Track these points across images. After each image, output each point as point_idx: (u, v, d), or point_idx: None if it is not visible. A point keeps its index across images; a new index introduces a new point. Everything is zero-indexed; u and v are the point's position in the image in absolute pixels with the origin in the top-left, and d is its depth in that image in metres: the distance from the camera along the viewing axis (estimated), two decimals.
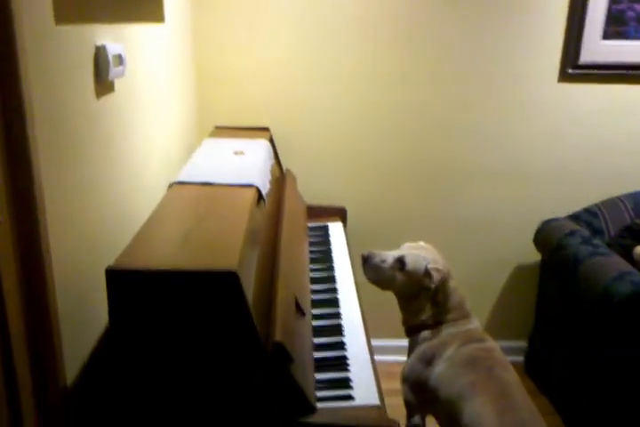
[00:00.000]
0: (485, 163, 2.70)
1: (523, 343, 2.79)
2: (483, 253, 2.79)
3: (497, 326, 2.85)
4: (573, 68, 2.59)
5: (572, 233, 2.41)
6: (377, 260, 1.73)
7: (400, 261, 1.70)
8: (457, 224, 2.75)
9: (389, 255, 1.73)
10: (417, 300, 1.72)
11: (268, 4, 2.46)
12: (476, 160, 2.69)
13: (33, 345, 1.05)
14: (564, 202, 2.70)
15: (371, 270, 1.74)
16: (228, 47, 2.50)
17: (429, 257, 1.73)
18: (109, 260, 1.16)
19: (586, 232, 2.44)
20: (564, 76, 2.60)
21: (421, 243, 1.82)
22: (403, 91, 2.59)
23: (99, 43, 1.36)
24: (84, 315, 1.28)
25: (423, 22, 2.51)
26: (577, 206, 2.65)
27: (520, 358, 2.76)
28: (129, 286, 1.12)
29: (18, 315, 1.00)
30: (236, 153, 1.94)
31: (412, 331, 1.75)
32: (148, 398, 1.19)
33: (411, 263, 1.70)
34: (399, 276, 1.70)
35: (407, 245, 1.80)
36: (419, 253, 1.74)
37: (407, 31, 2.52)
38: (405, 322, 1.78)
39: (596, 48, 2.57)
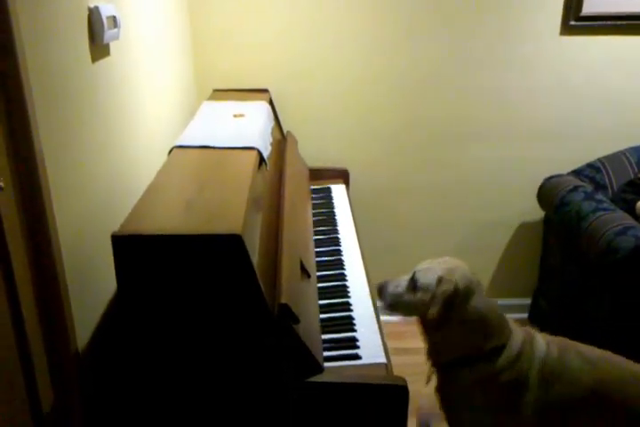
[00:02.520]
0: (487, 121, 2.66)
1: (527, 301, 2.82)
2: (486, 212, 2.79)
3: (501, 284, 2.87)
4: (576, 19, 2.53)
5: (574, 189, 2.41)
6: (391, 287, 1.56)
7: (412, 280, 1.53)
8: (460, 184, 2.74)
9: (403, 278, 1.56)
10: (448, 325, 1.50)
11: None
12: (477, 118, 2.66)
13: (43, 312, 1.06)
14: (567, 158, 2.67)
15: (387, 299, 1.56)
16: (225, 7, 2.44)
17: (444, 267, 1.52)
18: (114, 225, 1.16)
19: (589, 188, 2.43)
20: (567, 29, 2.55)
21: (446, 258, 1.58)
22: (403, 50, 2.54)
23: (91, 4, 1.33)
24: (92, 280, 1.29)
25: None
26: (580, 163, 2.63)
27: (524, 315, 2.79)
28: (135, 251, 1.13)
29: (26, 282, 1.01)
30: (235, 116, 1.92)
31: (447, 365, 1.55)
32: (157, 361, 1.21)
33: (422, 278, 1.51)
34: (416, 297, 1.51)
35: (427, 261, 1.58)
36: (432, 266, 1.54)
37: None
38: (434, 355, 1.57)
39: None
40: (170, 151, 1.60)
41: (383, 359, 1.34)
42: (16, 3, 0.95)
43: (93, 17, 1.32)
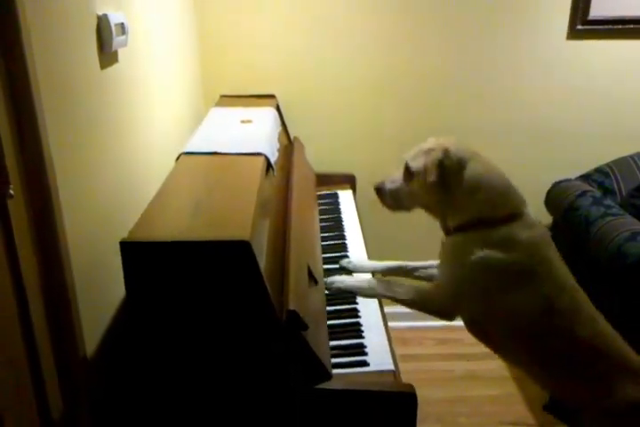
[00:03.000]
0: (494, 125, 2.66)
1: None
2: None
3: None
4: (583, 24, 2.53)
5: (583, 194, 2.40)
6: (389, 184, 1.54)
7: (406, 169, 1.48)
8: None
9: (396, 173, 1.52)
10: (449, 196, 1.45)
11: None
12: (485, 122, 2.65)
13: (52, 317, 1.06)
14: (575, 162, 2.66)
15: (388, 198, 1.54)
16: (232, 14, 2.45)
17: (431, 143, 1.48)
18: (123, 231, 1.16)
19: (597, 193, 2.42)
20: (574, 33, 2.54)
21: (430, 139, 1.55)
22: (412, 53, 2.54)
23: (100, 12, 1.33)
24: (100, 286, 1.30)
25: None
26: (588, 167, 2.62)
27: None
28: (144, 257, 1.13)
29: (35, 288, 1.01)
30: (242, 122, 1.92)
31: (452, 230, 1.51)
32: (165, 366, 1.21)
33: (414, 164, 1.46)
34: (414, 186, 1.47)
35: (412, 149, 1.54)
36: (419, 148, 1.50)
37: None
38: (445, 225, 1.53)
39: (606, 2, 2.50)
40: (177, 158, 1.61)
41: (391, 366, 1.34)
42: (26, 11, 0.96)
43: (102, 25, 1.33)
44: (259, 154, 1.62)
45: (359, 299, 1.62)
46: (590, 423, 1.46)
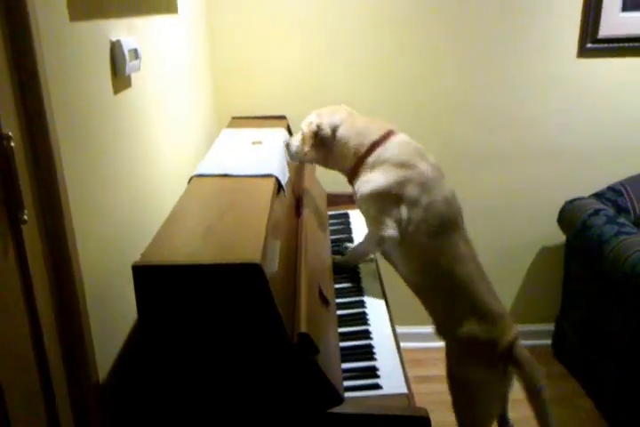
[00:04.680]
0: (505, 144, 2.66)
1: (550, 326, 2.77)
2: (506, 236, 2.77)
3: (523, 310, 2.83)
4: (593, 42, 2.54)
5: (596, 212, 2.38)
6: (293, 141, 1.82)
7: (302, 130, 1.78)
8: (478, 207, 2.73)
9: (299, 133, 1.80)
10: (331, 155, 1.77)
11: None
12: (496, 140, 2.66)
13: (65, 343, 1.07)
14: (587, 181, 2.65)
15: (292, 154, 1.82)
16: (243, 37, 2.49)
17: (318, 113, 1.78)
18: (135, 255, 1.17)
19: (611, 211, 2.40)
20: (584, 52, 2.55)
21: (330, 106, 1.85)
22: (423, 74, 2.56)
23: (114, 38, 1.36)
24: (113, 311, 1.30)
25: (438, 2, 2.47)
26: (601, 185, 2.61)
27: (548, 342, 2.74)
28: (155, 281, 1.13)
29: (48, 314, 1.02)
30: (253, 143, 1.94)
31: (350, 178, 1.79)
32: (178, 390, 1.20)
33: (304, 128, 1.77)
34: (305, 145, 1.76)
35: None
36: (311, 115, 1.79)
37: (424, 15, 2.48)
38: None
39: (616, 21, 2.51)
40: (189, 180, 1.62)
41: (404, 389, 1.32)
42: (41, 38, 0.98)
43: (115, 50, 1.35)
44: (270, 175, 1.63)
45: (371, 320, 1.61)
46: (447, 347, 1.73)
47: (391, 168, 1.68)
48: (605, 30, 2.52)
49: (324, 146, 1.76)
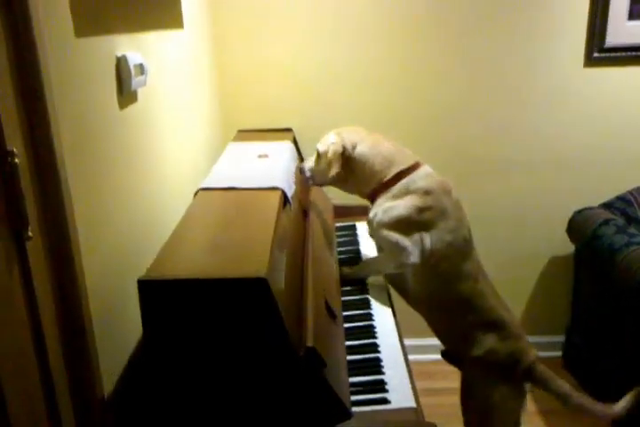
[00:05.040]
0: (513, 153, 2.66)
1: (560, 338, 2.75)
2: (515, 247, 2.75)
3: (533, 321, 2.80)
4: (599, 51, 2.53)
5: (606, 222, 2.36)
6: (307, 163, 1.83)
7: (317, 151, 1.77)
8: (487, 217, 2.72)
9: (314, 155, 1.80)
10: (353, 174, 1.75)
11: (287, 7, 2.45)
12: (503, 151, 2.65)
13: (70, 360, 1.06)
14: (596, 190, 2.64)
15: (309, 178, 1.83)
16: (249, 50, 2.50)
17: (335, 132, 1.77)
18: (141, 269, 1.17)
19: (620, 221, 2.38)
20: (590, 61, 2.55)
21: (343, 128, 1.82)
22: (430, 84, 2.57)
23: (119, 53, 1.36)
24: (118, 326, 1.29)
25: (443, 9, 2.47)
26: (610, 194, 2.59)
27: (558, 354, 2.71)
28: (161, 295, 1.13)
29: (53, 331, 1.02)
30: (260, 156, 1.94)
31: (369, 199, 1.79)
32: (183, 405, 1.20)
33: (320, 148, 1.76)
34: (322, 164, 1.76)
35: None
36: (328, 135, 1.78)
37: (429, 26, 2.49)
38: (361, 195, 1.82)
39: (622, 29, 2.51)
40: (195, 194, 1.62)
41: (413, 403, 1.31)
42: (47, 53, 0.98)
43: (121, 66, 1.36)
44: (276, 188, 1.63)
45: (379, 333, 1.60)
46: (465, 369, 1.73)
47: (416, 198, 1.68)
48: (612, 39, 2.52)
49: (346, 167, 1.73)
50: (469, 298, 1.68)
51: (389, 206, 1.69)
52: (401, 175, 1.70)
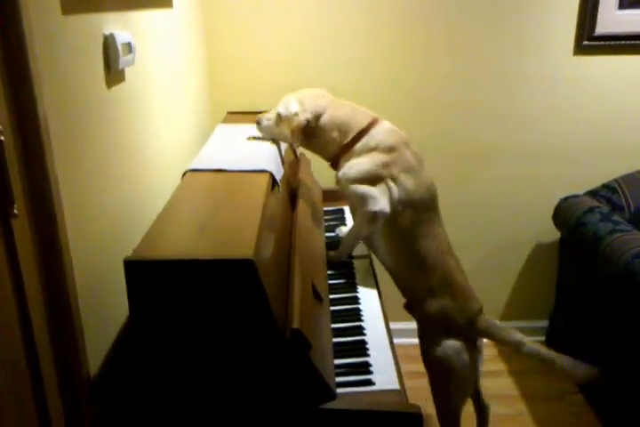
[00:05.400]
0: (500, 141, 2.66)
1: (544, 323, 2.78)
2: (501, 234, 2.77)
3: (517, 307, 2.84)
4: (589, 39, 2.54)
5: (590, 210, 2.38)
6: (264, 121, 1.84)
7: (277, 114, 1.79)
8: (473, 204, 2.73)
9: (273, 112, 1.82)
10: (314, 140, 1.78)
11: None
12: (490, 138, 2.66)
13: (55, 339, 1.06)
14: (582, 179, 2.66)
15: (263, 132, 1.86)
16: (239, 31, 2.48)
17: (299, 98, 1.78)
18: (127, 250, 1.16)
19: (605, 208, 2.40)
20: (580, 49, 2.55)
21: (305, 89, 1.85)
22: (418, 70, 2.56)
23: (107, 31, 1.35)
24: (104, 306, 1.29)
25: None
26: (596, 182, 2.61)
27: (541, 338, 2.75)
28: (147, 276, 1.13)
29: (39, 309, 1.01)
30: (249, 138, 1.93)
31: (334, 163, 1.81)
32: (169, 386, 1.20)
33: (282, 111, 1.77)
34: (281, 128, 1.79)
35: (289, 94, 1.84)
36: (289, 98, 1.80)
37: (420, 13, 2.48)
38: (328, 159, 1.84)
39: (613, 18, 2.51)
40: (183, 175, 1.61)
41: (397, 385, 1.32)
42: (32, 31, 0.97)
43: (108, 44, 1.34)
44: (264, 171, 1.62)
45: (365, 316, 1.61)
46: (419, 324, 1.82)
47: (378, 153, 1.72)
48: (602, 28, 2.52)
49: (307, 134, 1.76)
50: (432, 256, 1.74)
51: (352, 163, 1.73)
52: (360, 135, 1.74)
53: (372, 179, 1.72)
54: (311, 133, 1.76)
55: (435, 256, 1.75)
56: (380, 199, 1.70)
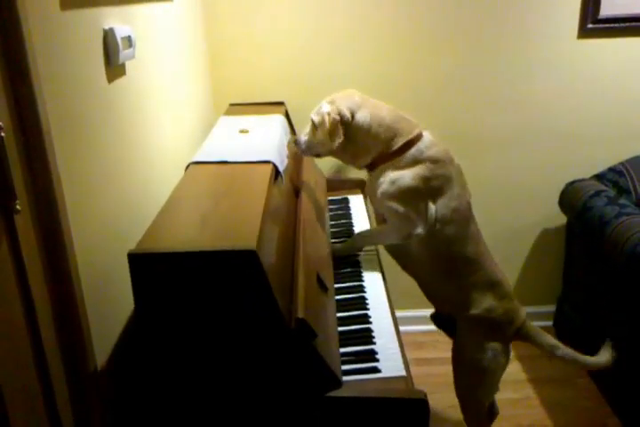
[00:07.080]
0: (506, 125, 2.65)
1: (551, 308, 2.78)
2: (508, 218, 2.77)
3: (525, 291, 2.83)
4: (593, 22, 2.51)
5: (597, 193, 2.37)
6: (301, 136, 1.77)
7: (312, 122, 1.71)
8: (480, 189, 2.70)
9: (307, 126, 1.75)
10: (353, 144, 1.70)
11: None
12: (496, 123, 2.64)
13: (61, 333, 1.07)
14: (589, 162, 2.64)
15: (305, 150, 1.77)
16: (240, 23, 2.47)
17: (328, 100, 1.71)
18: (132, 242, 1.18)
19: (612, 192, 2.39)
20: (584, 32, 2.53)
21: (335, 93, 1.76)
22: (422, 57, 2.54)
23: (106, 26, 1.35)
24: (109, 299, 1.31)
25: None
26: (603, 166, 2.59)
27: (549, 323, 2.75)
28: (151, 268, 1.14)
29: (44, 304, 1.02)
30: (251, 130, 1.93)
31: (370, 166, 1.75)
32: (176, 378, 1.22)
33: (315, 119, 1.70)
34: (318, 136, 1.70)
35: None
36: (321, 104, 1.72)
37: None
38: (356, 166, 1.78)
39: (617, 1, 2.48)
40: (187, 167, 1.62)
41: (403, 372, 1.33)
42: (31, 26, 0.97)
43: (108, 38, 1.34)
44: (267, 162, 1.63)
45: (370, 305, 1.62)
46: (460, 329, 1.76)
47: (423, 167, 1.67)
48: (606, 10, 2.49)
49: (345, 135, 1.68)
50: (473, 259, 1.72)
51: (396, 177, 1.67)
52: (408, 145, 1.69)
53: (414, 196, 1.67)
54: (348, 135, 1.68)
55: (474, 258, 1.73)
56: (417, 222, 1.67)
